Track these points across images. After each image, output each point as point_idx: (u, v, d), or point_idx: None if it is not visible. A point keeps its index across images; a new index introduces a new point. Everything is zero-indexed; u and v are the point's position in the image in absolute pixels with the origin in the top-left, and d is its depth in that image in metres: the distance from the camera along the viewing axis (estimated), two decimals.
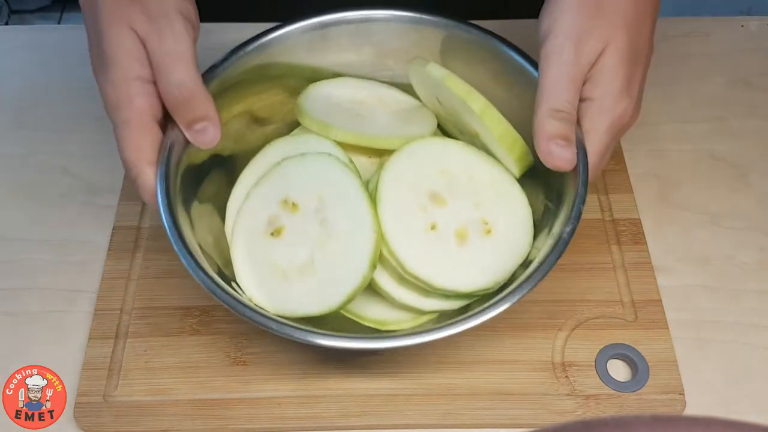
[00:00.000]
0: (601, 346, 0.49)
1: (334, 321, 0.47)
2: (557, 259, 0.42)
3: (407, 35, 0.51)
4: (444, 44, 0.51)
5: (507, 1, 0.73)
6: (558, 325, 0.50)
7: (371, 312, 0.48)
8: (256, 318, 0.41)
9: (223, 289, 0.41)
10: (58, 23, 1.76)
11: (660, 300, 0.51)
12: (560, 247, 0.42)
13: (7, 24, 1.78)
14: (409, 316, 0.48)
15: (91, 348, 0.49)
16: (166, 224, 0.42)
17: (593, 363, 0.48)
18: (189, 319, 0.50)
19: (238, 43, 0.49)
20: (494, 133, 0.46)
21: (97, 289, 0.52)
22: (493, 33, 0.50)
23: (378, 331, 0.48)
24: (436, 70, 0.48)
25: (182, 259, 0.42)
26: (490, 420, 0.47)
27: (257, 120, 0.53)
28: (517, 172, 0.49)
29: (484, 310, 0.41)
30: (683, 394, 0.47)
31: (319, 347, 0.41)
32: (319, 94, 0.52)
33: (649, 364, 0.48)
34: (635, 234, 0.54)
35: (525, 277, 0.42)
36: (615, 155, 0.58)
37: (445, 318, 0.47)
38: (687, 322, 0.51)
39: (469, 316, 0.41)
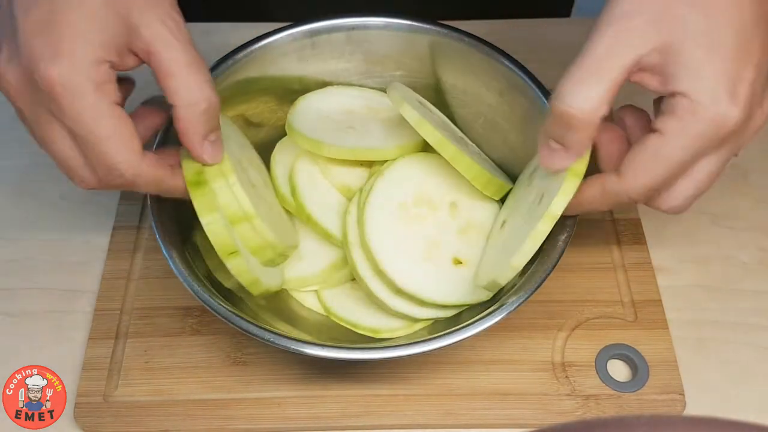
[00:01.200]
0: (601, 346, 0.49)
1: (329, 329, 0.47)
2: (552, 267, 0.42)
3: (398, 42, 0.51)
4: (434, 51, 0.51)
5: (502, 2, 0.73)
6: (558, 325, 0.50)
7: (365, 320, 0.48)
8: (251, 329, 0.41)
9: (222, 305, 0.42)
10: None
11: (660, 300, 0.51)
12: (555, 255, 0.42)
13: None
14: (403, 324, 0.48)
15: (91, 348, 0.49)
16: (159, 238, 0.43)
17: (593, 363, 0.48)
18: (189, 319, 0.50)
19: (234, 46, 0.49)
20: (467, 176, 0.47)
21: (97, 289, 0.52)
22: (484, 40, 0.50)
23: (372, 339, 0.48)
24: (408, 114, 0.46)
25: (176, 272, 0.42)
26: (490, 420, 0.47)
27: (251, 123, 0.53)
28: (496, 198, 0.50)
29: (476, 321, 0.41)
30: (683, 394, 0.47)
31: (313, 358, 0.41)
32: (308, 108, 0.52)
33: (649, 364, 0.48)
34: (635, 234, 0.54)
35: (519, 287, 0.42)
36: None
37: (439, 325, 0.47)
38: (687, 322, 0.51)
39: (461, 328, 0.41)
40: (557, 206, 0.40)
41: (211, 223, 0.40)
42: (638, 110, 0.42)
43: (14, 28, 0.34)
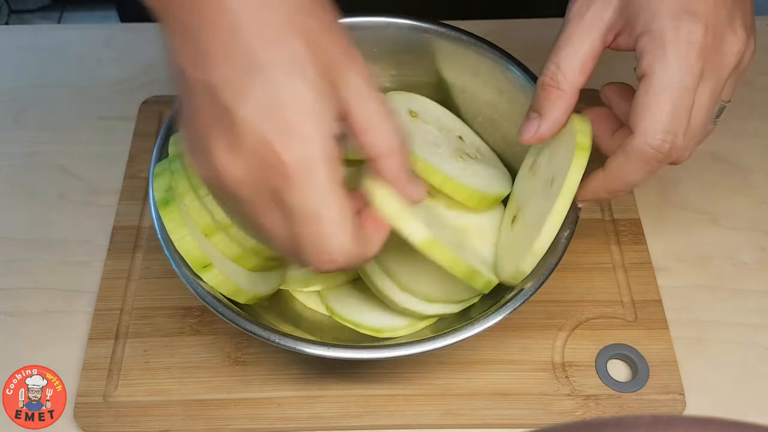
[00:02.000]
0: (601, 346, 0.49)
1: (331, 329, 0.47)
2: (556, 264, 0.42)
3: (397, 42, 0.51)
4: (434, 50, 0.51)
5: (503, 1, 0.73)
6: (558, 325, 0.50)
7: (368, 320, 0.48)
8: (256, 330, 0.41)
9: (226, 306, 0.42)
10: (58, 23, 1.76)
11: (660, 300, 0.51)
12: (558, 252, 0.42)
13: (7, 24, 1.78)
14: (405, 323, 0.48)
15: (91, 348, 0.49)
16: (160, 238, 0.43)
17: (593, 363, 0.48)
18: (189, 319, 0.50)
19: None
20: (458, 199, 0.47)
21: (97, 289, 0.52)
22: (483, 39, 0.50)
23: (375, 338, 0.48)
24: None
25: (178, 273, 0.42)
26: (490, 420, 0.47)
27: None
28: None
29: (476, 321, 0.41)
30: (683, 394, 0.47)
31: (314, 358, 0.41)
32: None
33: (649, 364, 0.48)
34: (635, 234, 0.54)
35: (520, 286, 0.42)
36: None
37: (441, 324, 0.47)
38: (687, 322, 0.51)
39: (461, 328, 0.41)
40: (573, 179, 0.40)
41: (180, 239, 0.41)
42: (619, 84, 0.43)
43: (230, 118, 0.32)
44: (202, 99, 0.33)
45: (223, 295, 0.43)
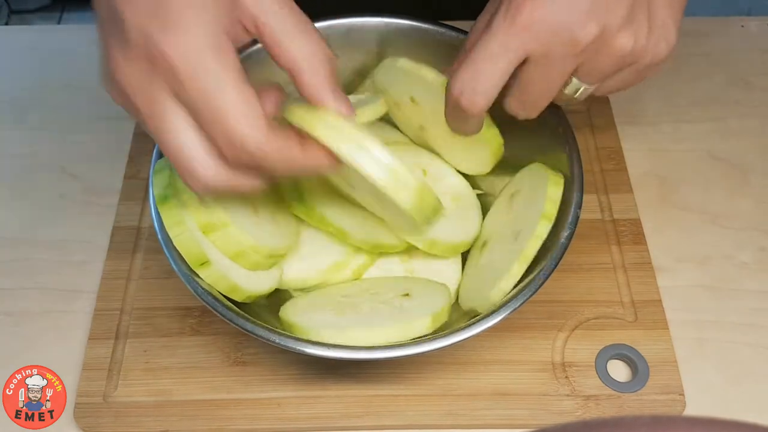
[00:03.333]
0: (601, 347, 0.49)
1: None
2: (555, 265, 0.42)
3: (397, 41, 0.51)
4: (432, 49, 0.51)
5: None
6: (558, 326, 0.50)
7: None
8: (257, 331, 0.41)
9: (226, 306, 0.42)
10: (58, 23, 1.76)
11: (660, 300, 0.51)
12: (558, 253, 0.43)
13: (7, 24, 1.78)
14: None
15: (91, 348, 0.49)
16: (160, 238, 0.43)
17: (593, 363, 0.48)
18: (189, 320, 0.50)
19: None
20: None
21: (97, 289, 0.52)
22: None
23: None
24: (408, 64, 0.47)
25: (178, 273, 0.42)
26: (490, 420, 0.47)
27: None
28: (489, 166, 0.50)
29: (477, 321, 0.41)
30: (683, 394, 0.47)
31: (315, 358, 0.41)
32: None
33: (649, 364, 0.48)
34: (635, 234, 0.54)
35: (523, 284, 0.43)
36: (615, 155, 0.58)
37: (443, 324, 0.47)
38: (687, 322, 0.51)
39: (461, 328, 0.41)
40: (531, 249, 0.43)
41: (178, 235, 0.42)
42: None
43: (121, 22, 0.33)
44: (104, 11, 0.34)
45: (220, 293, 0.43)
